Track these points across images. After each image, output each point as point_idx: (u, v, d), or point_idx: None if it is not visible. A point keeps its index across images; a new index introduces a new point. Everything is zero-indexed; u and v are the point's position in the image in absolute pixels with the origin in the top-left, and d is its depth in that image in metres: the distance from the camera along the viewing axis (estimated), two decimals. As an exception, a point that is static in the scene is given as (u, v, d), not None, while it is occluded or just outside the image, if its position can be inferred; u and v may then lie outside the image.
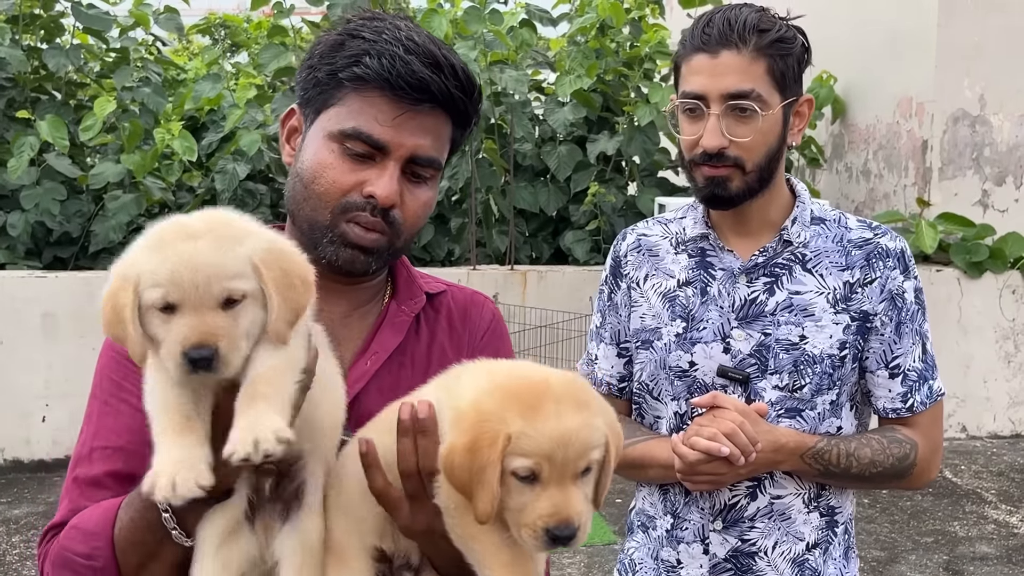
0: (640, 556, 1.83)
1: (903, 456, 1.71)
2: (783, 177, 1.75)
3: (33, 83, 6.89)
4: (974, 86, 6.69)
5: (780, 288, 1.70)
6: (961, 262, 6.43)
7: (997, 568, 4.52)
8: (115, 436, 1.27)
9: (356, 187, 1.27)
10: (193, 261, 1.00)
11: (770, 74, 1.62)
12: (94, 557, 1.18)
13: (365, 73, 1.24)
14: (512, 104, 6.52)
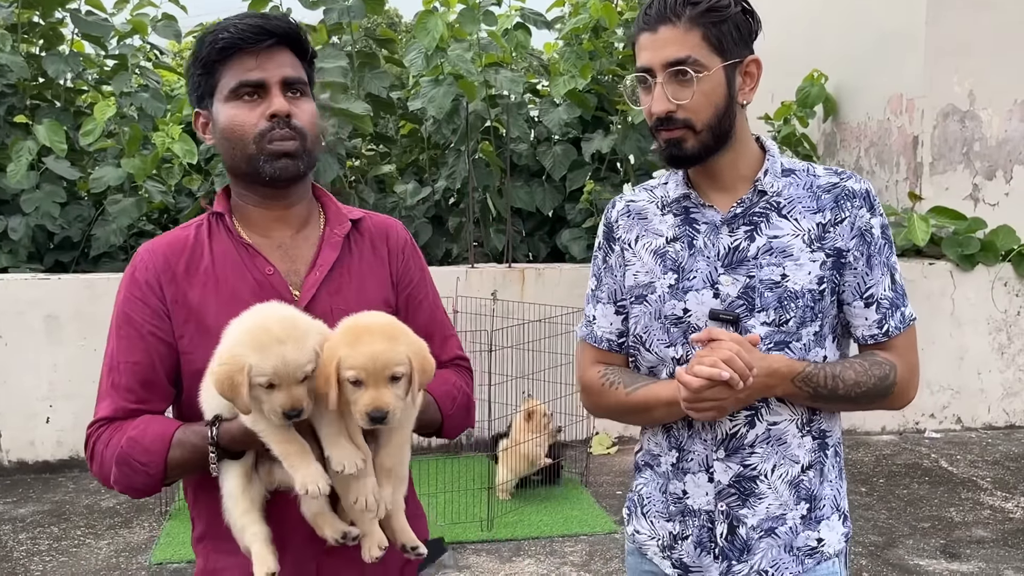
0: (648, 491, 1.97)
1: (884, 376, 1.84)
2: (748, 134, 1.89)
3: (33, 90, 6.95)
4: (963, 82, 6.77)
5: (759, 234, 1.84)
6: (953, 255, 6.51)
7: (993, 551, 4.58)
8: (132, 355, 1.68)
9: (260, 117, 1.66)
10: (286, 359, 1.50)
11: (706, 40, 1.76)
12: (149, 465, 1.62)
13: (224, 44, 1.65)
14: (508, 105, 6.60)
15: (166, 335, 1.68)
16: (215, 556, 1.75)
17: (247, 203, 1.74)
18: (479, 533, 4.73)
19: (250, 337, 1.51)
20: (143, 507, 5.16)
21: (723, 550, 1.86)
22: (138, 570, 4.40)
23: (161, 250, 1.71)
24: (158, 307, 1.68)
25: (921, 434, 6.49)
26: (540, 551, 4.57)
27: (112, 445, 1.65)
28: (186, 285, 1.69)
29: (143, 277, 1.69)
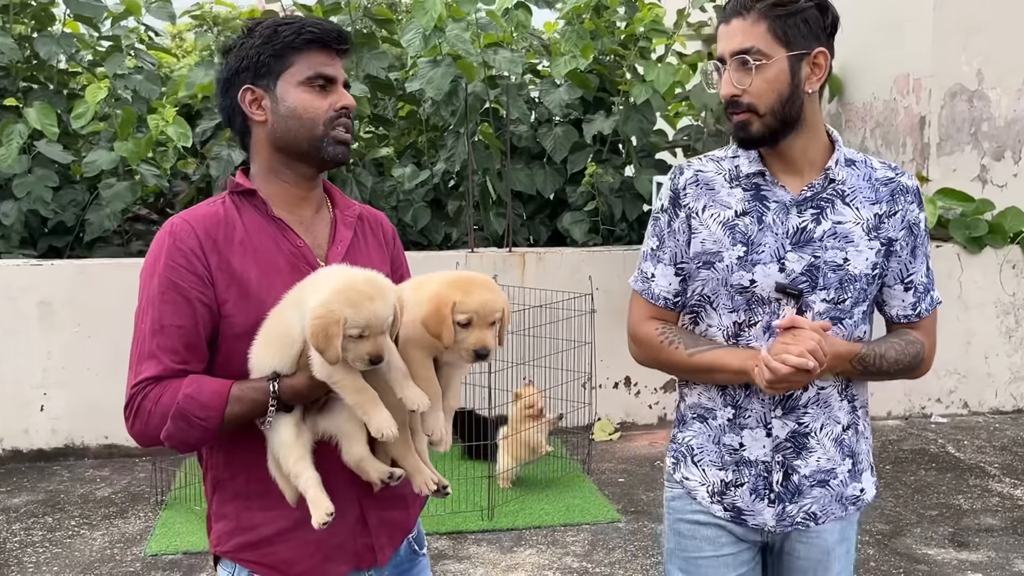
0: (699, 442, 2.15)
1: (916, 354, 2.10)
2: (821, 124, 2.04)
3: (24, 72, 6.83)
4: (971, 61, 6.65)
5: (825, 218, 2.02)
6: (961, 237, 6.40)
7: (1003, 539, 4.50)
8: (177, 319, 1.77)
9: (331, 107, 1.86)
10: (376, 313, 1.67)
11: (771, 32, 1.93)
12: (207, 420, 1.73)
13: (309, 37, 1.85)
14: (507, 86, 6.48)
15: (210, 300, 1.78)
16: (248, 514, 1.84)
17: (283, 180, 1.89)
18: (479, 523, 4.65)
19: (344, 295, 1.66)
20: (139, 497, 5.09)
21: (779, 495, 2.08)
22: (133, 561, 4.33)
23: (200, 222, 1.82)
24: (203, 274, 1.78)
25: (927, 419, 6.41)
26: (541, 541, 4.50)
27: (163, 402, 1.74)
28: (228, 253, 1.80)
29: (186, 246, 1.78)
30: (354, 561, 1.87)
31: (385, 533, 1.90)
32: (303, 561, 1.82)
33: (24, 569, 4.26)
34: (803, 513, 2.08)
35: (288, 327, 1.73)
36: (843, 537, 2.14)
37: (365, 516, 1.87)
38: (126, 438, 5.72)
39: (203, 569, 4.23)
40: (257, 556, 1.84)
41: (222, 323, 1.79)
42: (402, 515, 1.95)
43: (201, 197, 6.59)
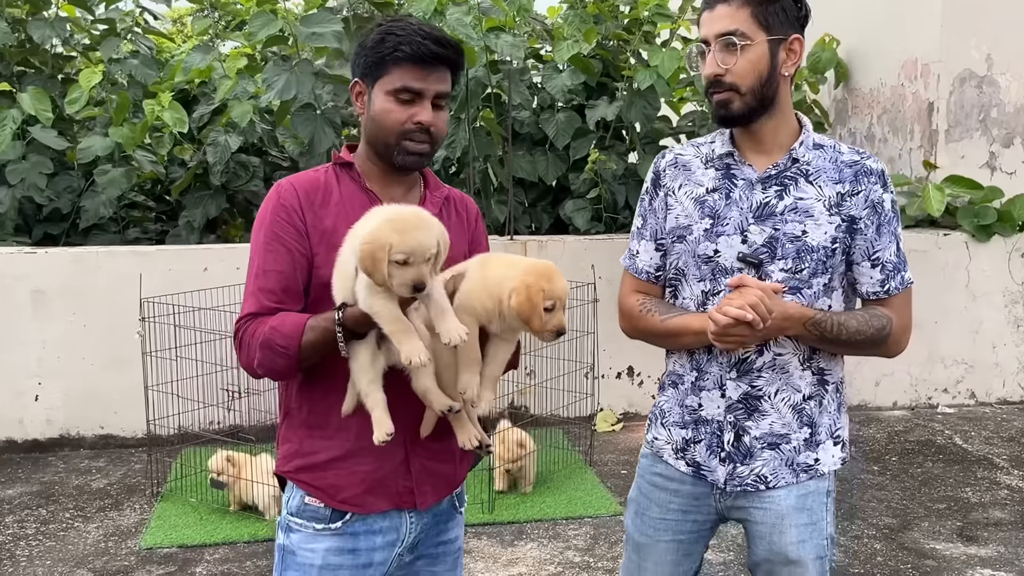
0: (669, 406, 2.32)
1: (881, 328, 2.17)
2: (791, 108, 2.21)
3: (18, 56, 6.73)
4: (981, 46, 6.54)
5: (787, 195, 2.16)
6: (969, 225, 6.31)
7: (1012, 534, 4.42)
8: (277, 265, 2.01)
9: (409, 119, 2.02)
10: (421, 242, 1.81)
11: (753, 17, 2.09)
12: (288, 348, 1.93)
13: (403, 55, 2.01)
14: (509, 71, 6.37)
15: (305, 251, 2.01)
16: (310, 441, 2.06)
17: (374, 164, 2.11)
18: (480, 515, 4.58)
19: (391, 223, 1.81)
20: (134, 488, 5.01)
21: (729, 455, 2.20)
22: (127, 555, 4.26)
23: (302, 185, 2.06)
24: (301, 228, 2.02)
25: (934, 409, 6.33)
26: (543, 534, 4.43)
27: (257, 334, 1.96)
28: (323, 213, 2.03)
29: (288, 204, 2.03)
30: (394, 500, 2.05)
31: (428, 481, 2.08)
32: (348, 489, 2.02)
33: (16, 563, 4.19)
34: (753, 475, 2.19)
35: (347, 262, 1.92)
36: (802, 506, 2.20)
37: (409, 461, 2.05)
38: (122, 428, 5.67)
39: (199, 563, 4.16)
40: (310, 478, 2.05)
41: (313, 273, 2.02)
42: (450, 469, 2.12)
43: (198, 184, 6.51)
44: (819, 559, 2.21)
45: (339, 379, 1.99)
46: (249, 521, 4.53)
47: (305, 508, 2.05)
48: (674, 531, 2.29)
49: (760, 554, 2.23)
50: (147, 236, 6.81)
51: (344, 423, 2.02)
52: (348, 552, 2.04)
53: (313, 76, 5.91)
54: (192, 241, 6.32)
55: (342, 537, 2.03)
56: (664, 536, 2.30)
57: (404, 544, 2.09)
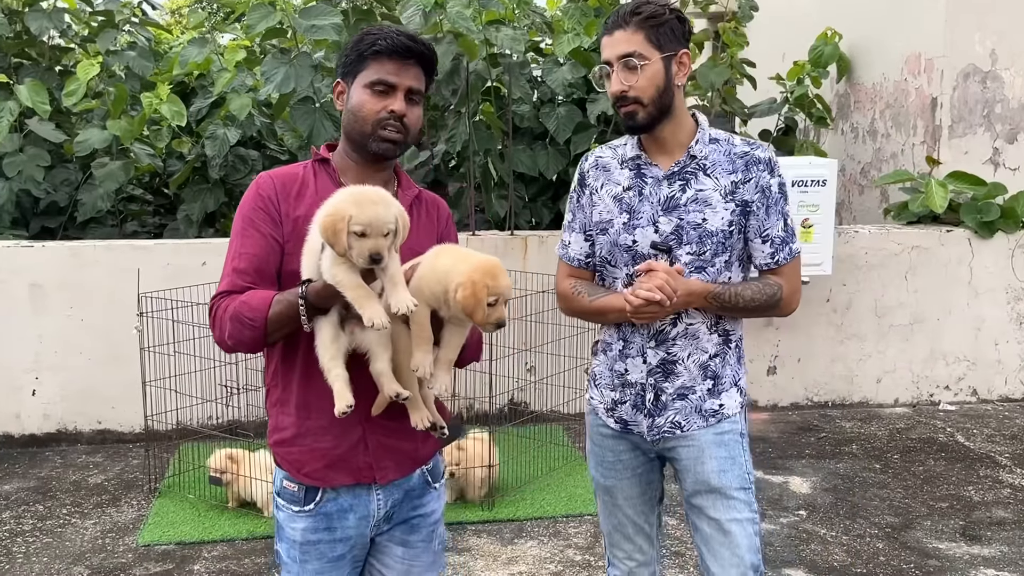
0: (601, 370, 2.68)
1: (772, 295, 2.54)
2: (685, 110, 2.54)
3: (15, 48, 6.68)
4: (985, 41, 6.50)
5: (689, 188, 2.51)
6: (972, 222, 6.27)
7: (1015, 533, 4.40)
8: (251, 248, 2.16)
9: (383, 108, 2.19)
10: (378, 216, 1.97)
11: (647, 39, 2.43)
12: (255, 320, 2.08)
13: (379, 49, 2.18)
14: (509, 65, 6.33)
15: (278, 238, 2.17)
16: (281, 417, 2.23)
17: (350, 159, 2.26)
18: (479, 513, 4.55)
19: (352, 197, 1.98)
20: (132, 484, 4.98)
21: (650, 410, 2.57)
22: (125, 552, 4.23)
23: (280, 177, 2.23)
24: (276, 216, 2.17)
25: (935, 407, 6.30)
26: (543, 532, 4.40)
27: (228, 308, 2.11)
28: (296, 204, 2.19)
29: (265, 193, 2.19)
30: (355, 475, 2.21)
31: (389, 457, 2.23)
32: (310, 464, 2.19)
33: (13, 559, 4.16)
34: (669, 423, 2.56)
35: (313, 239, 2.06)
36: (719, 442, 2.57)
37: (366, 438, 2.20)
38: (119, 423, 5.64)
39: (196, 560, 4.13)
40: (282, 452, 2.24)
41: (284, 260, 2.17)
42: (410, 446, 2.26)
43: (196, 177, 6.47)
44: (742, 489, 2.56)
45: (302, 361, 2.16)
46: (247, 518, 4.50)
47: (284, 490, 2.25)
48: (631, 469, 2.67)
49: (688, 487, 2.59)
50: (145, 230, 6.77)
51: (304, 402, 2.19)
52: (324, 530, 2.22)
53: (312, 69, 5.86)
54: (190, 235, 6.28)
55: (315, 518, 2.21)
56: (625, 474, 2.67)
57: (376, 518, 2.26)
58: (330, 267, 1.98)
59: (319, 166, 2.27)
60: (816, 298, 6.17)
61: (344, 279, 1.97)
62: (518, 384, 5.74)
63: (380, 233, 1.96)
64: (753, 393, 6.20)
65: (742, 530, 2.54)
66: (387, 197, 2.03)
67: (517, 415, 5.76)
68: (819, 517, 4.57)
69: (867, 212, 7.36)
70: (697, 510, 2.58)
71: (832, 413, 6.17)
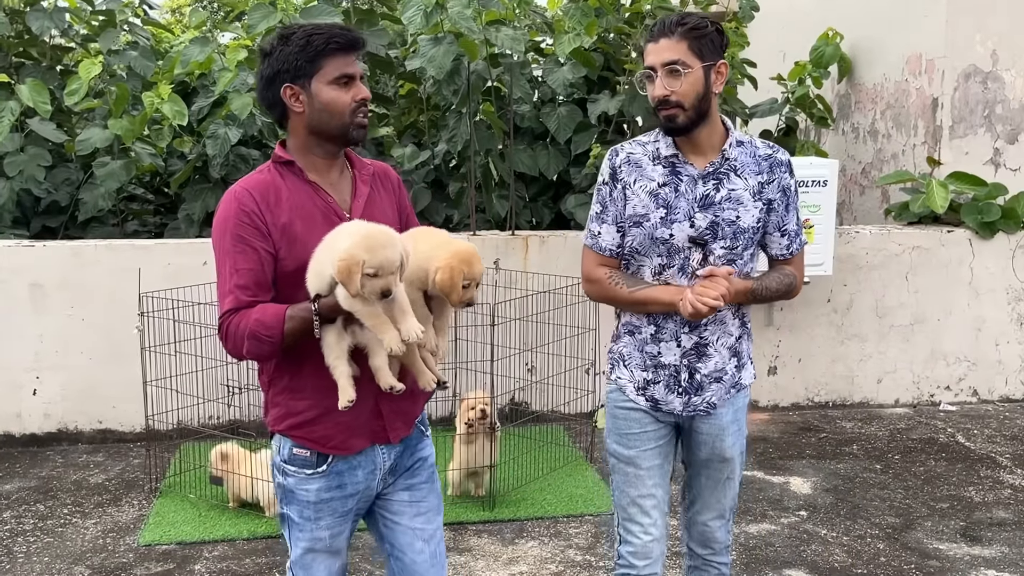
0: (628, 351, 2.85)
1: (791, 284, 2.83)
2: (718, 115, 2.74)
3: (16, 47, 6.68)
4: (986, 41, 6.50)
5: (723, 187, 2.73)
6: (972, 222, 6.27)
7: (1016, 534, 4.40)
8: (247, 264, 2.30)
9: (352, 100, 2.37)
10: (388, 258, 2.18)
11: (690, 49, 2.63)
12: (272, 336, 2.27)
13: (336, 46, 2.35)
14: (510, 65, 6.32)
15: (269, 248, 2.31)
16: (293, 403, 2.42)
17: (315, 154, 2.41)
18: (480, 513, 4.55)
19: (364, 242, 2.17)
20: (133, 483, 4.98)
21: (685, 389, 2.79)
22: (125, 551, 4.23)
23: (255, 188, 2.34)
24: (263, 228, 2.30)
25: (936, 407, 6.30)
26: (544, 532, 4.40)
27: (242, 327, 2.27)
28: (278, 212, 2.33)
29: (249, 208, 2.31)
30: (371, 438, 2.46)
31: (398, 419, 2.48)
32: (335, 437, 2.41)
33: (14, 559, 4.16)
34: (705, 403, 2.80)
35: (322, 264, 2.25)
36: (735, 418, 2.85)
37: (379, 406, 2.43)
38: (120, 423, 5.64)
39: (197, 560, 4.13)
40: (303, 433, 2.42)
41: (278, 265, 2.33)
42: (411, 405, 2.51)
43: (197, 176, 6.47)
44: (742, 453, 2.92)
45: (308, 352, 2.34)
46: (248, 518, 4.50)
47: (295, 457, 2.44)
48: (654, 440, 2.84)
49: (703, 454, 2.86)
50: (146, 229, 6.77)
51: (319, 385, 2.37)
52: (336, 488, 2.44)
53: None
54: (191, 234, 6.28)
55: (328, 477, 2.43)
56: (648, 445, 2.84)
57: (383, 471, 2.50)
58: (346, 299, 2.22)
59: (283, 168, 2.40)
60: (817, 298, 6.17)
61: (361, 310, 2.22)
62: (519, 384, 5.74)
63: (389, 272, 2.19)
64: (754, 393, 6.20)
65: (731, 485, 2.91)
66: (393, 238, 2.24)
67: (518, 415, 5.76)
68: (820, 517, 4.57)
69: (868, 212, 7.36)
70: (704, 469, 2.88)
71: (833, 413, 6.17)
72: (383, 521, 2.57)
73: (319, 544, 2.47)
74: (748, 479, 5.04)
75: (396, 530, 2.56)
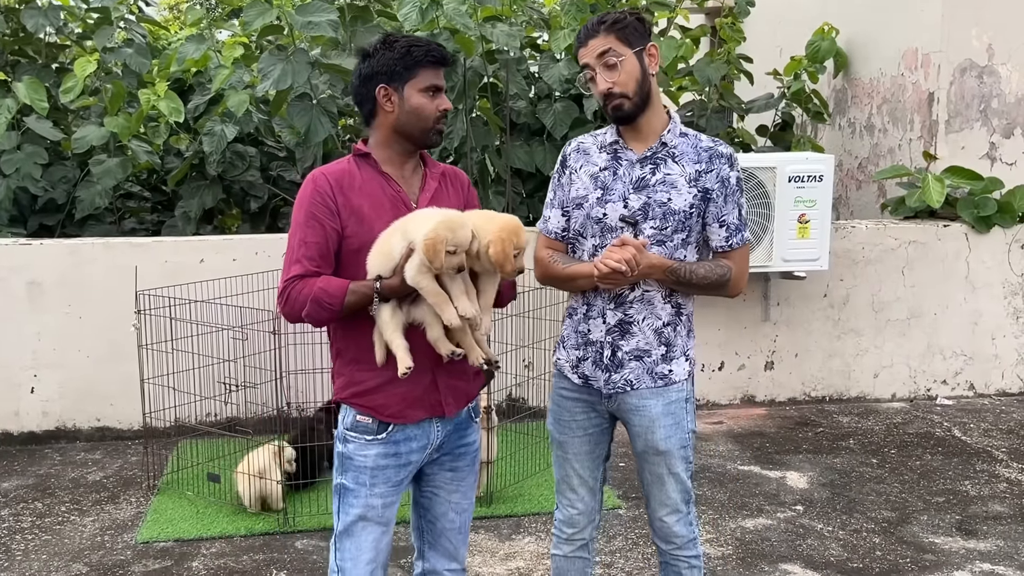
0: (568, 332, 3.00)
1: (723, 275, 2.87)
2: (661, 103, 2.87)
3: (11, 45, 6.67)
4: (982, 36, 6.50)
5: (658, 171, 2.85)
6: (969, 217, 6.28)
7: (1012, 527, 4.41)
8: (315, 237, 2.57)
9: (436, 109, 2.64)
10: (465, 238, 2.46)
11: (618, 39, 2.77)
12: (333, 304, 2.52)
13: (434, 59, 2.63)
14: (506, 61, 6.33)
15: (336, 226, 2.56)
16: (357, 374, 2.63)
17: (393, 150, 2.67)
18: (477, 509, 4.54)
19: (446, 224, 2.44)
20: (130, 481, 4.99)
21: (607, 366, 2.89)
22: (123, 549, 4.24)
23: (333, 174, 2.62)
24: (333, 208, 2.56)
25: (932, 401, 6.32)
26: (541, 528, 4.41)
27: (305, 292, 2.53)
28: (350, 194, 2.59)
29: (323, 189, 2.58)
30: (428, 411, 2.65)
31: (451, 394, 2.67)
32: (393, 406, 2.61)
33: (12, 557, 4.17)
34: (623, 380, 2.88)
35: (391, 247, 2.50)
36: (667, 412, 2.90)
37: (436, 380, 2.63)
38: (118, 420, 5.65)
39: (195, 557, 4.14)
40: (363, 401, 2.63)
41: (344, 242, 2.57)
42: (465, 384, 2.71)
43: (194, 173, 6.47)
44: (682, 447, 2.94)
45: (371, 327, 2.58)
46: (246, 515, 4.51)
47: (357, 424, 2.64)
48: (583, 428, 2.99)
49: (639, 447, 2.95)
50: (143, 227, 6.77)
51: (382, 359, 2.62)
52: (392, 456, 2.63)
53: (309, 66, 5.86)
54: (188, 232, 6.29)
55: (386, 444, 2.63)
56: (577, 433, 3.00)
57: (433, 445, 2.69)
58: (415, 275, 2.46)
59: (361, 160, 2.67)
60: (813, 293, 6.18)
61: (427, 286, 2.47)
62: (516, 380, 5.75)
63: (464, 250, 2.46)
64: (751, 388, 6.21)
65: (675, 479, 2.95)
66: (465, 219, 2.50)
67: (515, 411, 5.77)
68: (816, 512, 4.58)
69: (864, 207, 7.37)
70: (644, 462, 2.97)
71: (829, 408, 6.19)
72: (424, 491, 2.79)
73: (371, 512, 2.64)
74: (745, 474, 5.05)
75: (435, 500, 2.79)
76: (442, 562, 2.84)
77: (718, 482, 4.95)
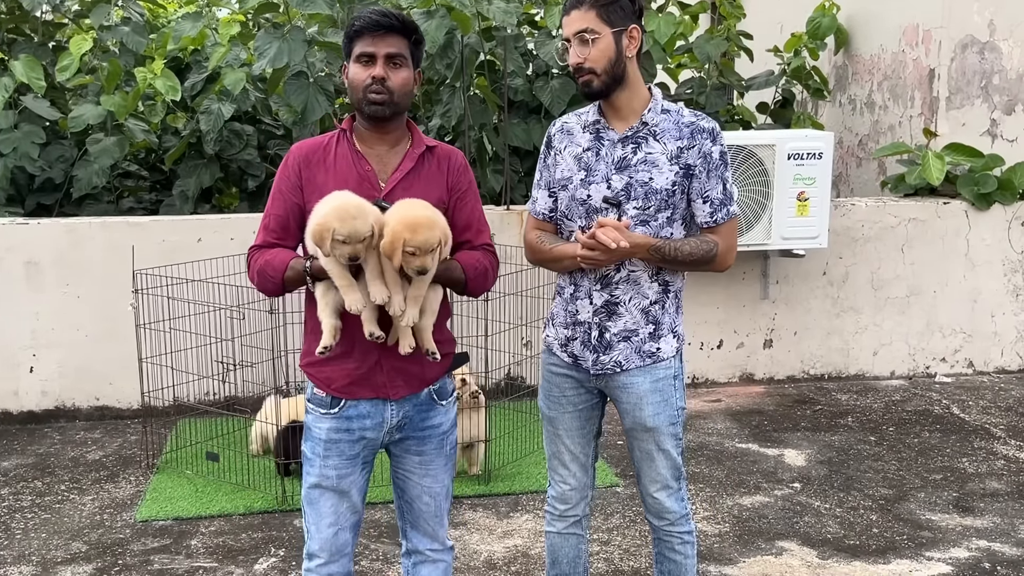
0: (556, 311, 3.00)
1: (708, 250, 2.84)
2: (641, 82, 2.85)
3: (8, 24, 6.64)
4: (983, 11, 6.46)
5: (640, 151, 2.82)
6: (969, 194, 6.26)
7: (1008, 504, 4.42)
8: (277, 210, 2.66)
9: (367, 77, 2.60)
10: (355, 228, 2.42)
11: (599, 16, 2.74)
12: (275, 278, 2.61)
13: (356, 28, 2.61)
14: (503, 38, 6.29)
15: (299, 200, 2.63)
16: (315, 344, 2.62)
17: (361, 126, 2.68)
18: (475, 487, 4.58)
19: (335, 212, 2.43)
20: (130, 460, 5.01)
21: (595, 347, 2.89)
22: (123, 527, 4.26)
23: (305, 147, 2.68)
24: (296, 182, 2.64)
25: (931, 379, 6.32)
26: (539, 506, 4.42)
27: (258, 263, 2.64)
28: (316, 170, 2.63)
29: (291, 163, 2.65)
30: (373, 390, 2.66)
31: (400, 378, 2.66)
32: (338, 380, 2.65)
33: (12, 535, 4.19)
34: (612, 362, 2.88)
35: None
36: (655, 389, 2.89)
37: (381, 362, 2.64)
38: (117, 400, 5.66)
39: (194, 536, 4.16)
40: (314, 371, 2.69)
41: (307, 217, 2.57)
42: (417, 368, 2.68)
43: (191, 152, 6.45)
44: (671, 424, 2.93)
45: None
46: (245, 493, 4.53)
47: (314, 396, 2.70)
48: (573, 404, 3.00)
49: (627, 424, 2.96)
50: (141, 206, 6.76)
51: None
52: (344, 431, 2.67)
53: (305, 44, 5.82)
54: (186, 211, 6.27)
55: (338, 419, 2.67)
56: (567, 408, 3.01)
57: (389, 425, 2.70)
58: (322, 260, 2.50)
59: (343, 135, 2.69)
60: (813, 271, 6.17)
61: (332, 269, 2.50)
62: (514, 359, 5.75)
63: (357, 240, 2.43)
64: (749, 366, 6.21)
65: (664, 456, 2.95)
66: (366, 210, 2.47)
67: (513, 390, 5.77)
68: (813, 489, 4.59)
69: (864, 184, 7.34)
70: (633, 439, 2.98)
71: (828, 386, 6.19)
72: (398, 473, 2.83)
73: (326, 481, 2.69)
74: (743, 451, 5.06)
75: (408, 483, 2.81)
76: (424, 542, 2.87)
77: (716, 460, 4.96)
